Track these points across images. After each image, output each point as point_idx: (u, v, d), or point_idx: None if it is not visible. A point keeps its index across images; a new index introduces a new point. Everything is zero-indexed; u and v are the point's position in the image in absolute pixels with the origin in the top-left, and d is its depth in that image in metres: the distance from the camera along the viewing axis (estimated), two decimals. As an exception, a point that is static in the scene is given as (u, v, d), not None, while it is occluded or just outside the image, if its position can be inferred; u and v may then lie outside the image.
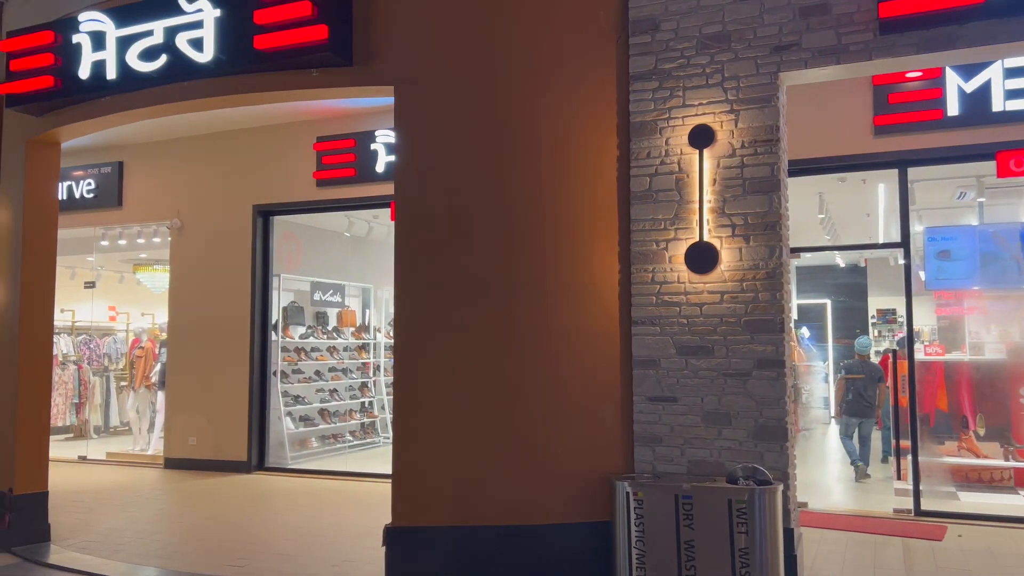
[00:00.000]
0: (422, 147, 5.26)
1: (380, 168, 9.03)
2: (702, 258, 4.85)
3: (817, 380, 13.32)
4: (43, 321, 6.72)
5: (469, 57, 5.19)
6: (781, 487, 4.50)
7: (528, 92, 5.12)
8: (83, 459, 10.74)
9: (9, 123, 7.16)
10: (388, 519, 5.10)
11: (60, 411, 12.06)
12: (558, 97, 5.12)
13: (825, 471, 9.66)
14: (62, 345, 12.43)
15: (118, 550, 6.23)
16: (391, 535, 5.01)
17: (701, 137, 4.89)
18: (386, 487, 8.18)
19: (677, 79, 4.98)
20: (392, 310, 12.21)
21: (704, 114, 4.92)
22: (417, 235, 5.20)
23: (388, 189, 8.80)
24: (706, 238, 4.86)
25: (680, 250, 4.91)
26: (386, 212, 9.49)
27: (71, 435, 12.52)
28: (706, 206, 4.87)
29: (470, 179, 5.13)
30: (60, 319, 11.18)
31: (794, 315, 12.32)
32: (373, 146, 9.07)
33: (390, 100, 5.34)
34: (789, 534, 4.60)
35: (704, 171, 4.88)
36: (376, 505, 7.54)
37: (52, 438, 7.02)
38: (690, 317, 4.88)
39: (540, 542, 4.88)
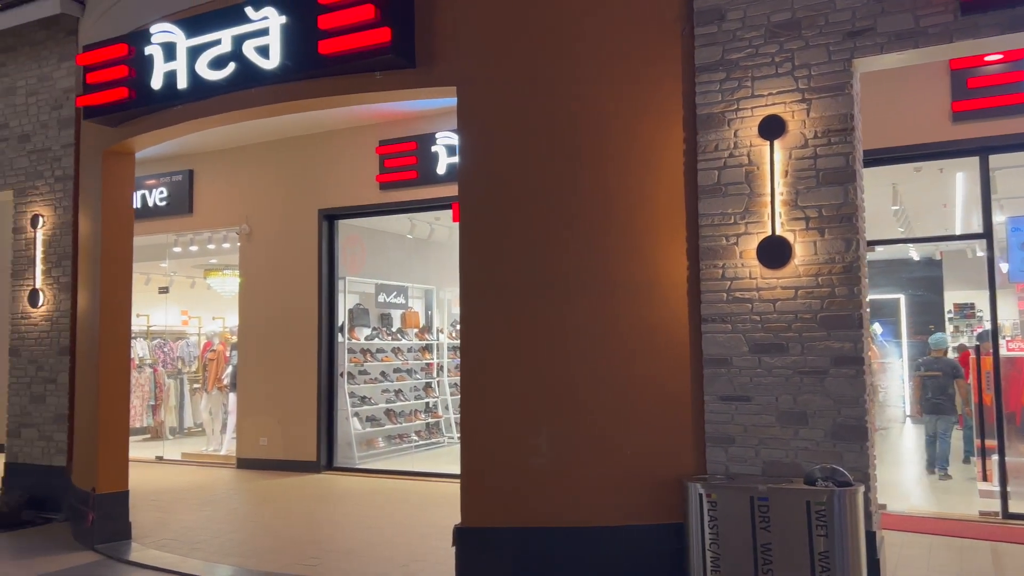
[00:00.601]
0: (485, 146, 5.24)
1: (442, 170, 9.07)
2: (775, 252, 4.71)
3: (892, 378, 12.87)
4: (121, 326, 6.94)
5: (531, 54, 5.15)
6: (862, 488, 4.33)
7: (591, 87, 5.06)
8: (160, 459, 11.08)
9: (87, 134, 7.42)
10: (457, 519, 5.10)
11: (137, 413, 12.48)
12: (622, 92, 5.04)
13: (903, 471, 9.32)
14: (138, 349, 12.85)
15: (195, 548, 6.39)
16: (461, 536, 5.00)
17: (772, 128, 4.75)
18: (453, 487, 8.22)
19: (745, 69, 4.85)
20: (455, 311, 12.37)
21: (774, 104, 4.77)
22: (481, 235, 5.18)
23: (450, 191, 8.85)
24: (778, 232, 4.71)
25: (751, 245, 4.77)
26: (448, 214, 9.53)
27: (148, 436, 12.94)
28: (778, 199, 4.72)
29: (534, 177, 5.09)
30: (136, 324, 11.56)
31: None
32: (434, 148, 9.12)
33: (452, 101, 5.34)
34: (871, 537, 4.42)
35: (775, 163, 4.73)
36: (444, 505, 7.57)
37: (131, 439, 7.24)
38: (763, 314, 4.74)
39: (610, 544, 4.81)
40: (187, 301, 14.21)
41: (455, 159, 8.77)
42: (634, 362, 4.91)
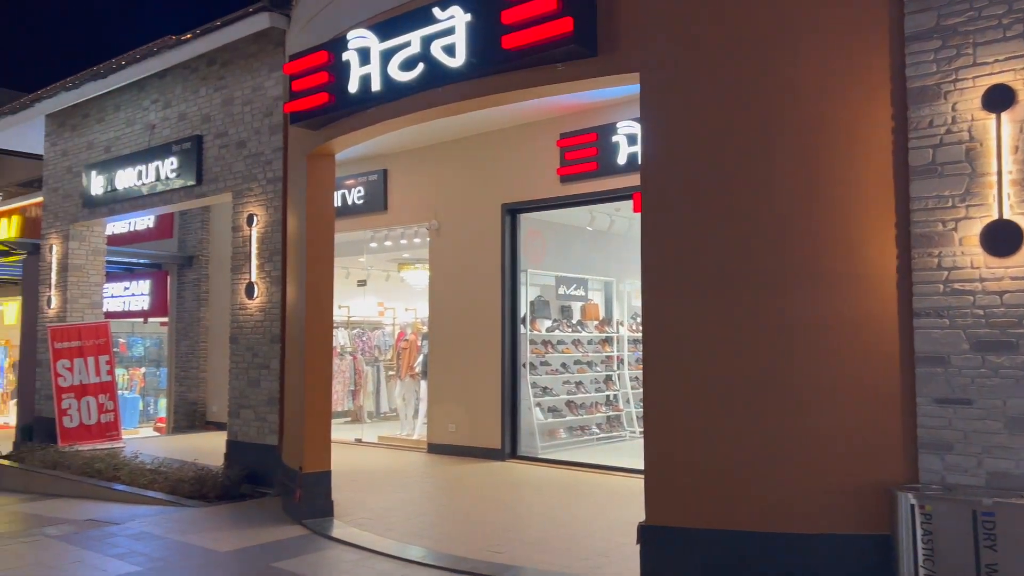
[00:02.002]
0: (670, 132, 5.07)
1: (622, 160, 8.94)
2: (1002, 238, 4.19)
3: None
4: (325, 316, 7.45)
5: (717, 34, 4.91)
6: (1115, 510, 3.76)
7: (784, 65, 4.74)
8: (359, 441, 11.82)
9: (293, 139, 8.02)
10: (640, 516, 4.99)
11: (339, 397, 13.38)
12: (819, 67, 4.68)
13: None
14: (339, 338, 13.77)
15: (390, 528, 6.74)
16: (645, 534, 4.89)
17: (999, 99, 4.22)
18: (635, 482, 8.11)
19: (965, 35, 4.34)
20: (635, 304, 12.19)
21: (1001, 72, 4.24)
22: (665, 225, 5.02)
23: (630, 181, 8.71)
24: (1007, 215, 4.18)
25: (973, 230, 4.27)
26: (628, 205, 9.39)
27: (348, 419, 13.85)
28: (1006, 178, 4.19)
29: (723, 163, 4.86)
30: (337, 314, 12.39)
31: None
32: (615, 138, 9.00)
33: (632, 89, 5.21)
34: None
35: (1003, 138, 4.20)
36: (626, 500, 7.47)
37: (333, 422, 7.75)
38: (987, 307, 4.23)
39: (806, 553, 4.50)
40: (383, 293, 15.04)
41: (636, 148, 8.61)
42: (836, 358, 4.55)
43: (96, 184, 11.57)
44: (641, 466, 5.00)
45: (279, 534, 6.76)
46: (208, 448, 10.91)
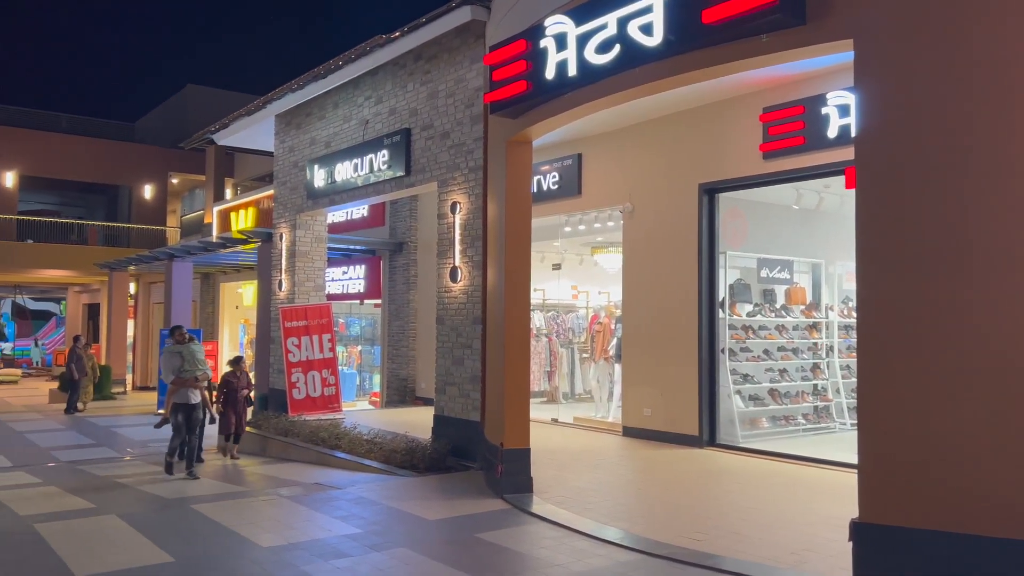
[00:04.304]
0: (889, 101, 4.66)
1: (832, 133, 8.37)
2: None
3: None
4: (522, 299, 7.66)
5: (947, -10, 4.43)
6: None
7: (1021, 15, 4.20)
8: (555, 421, 12.07)
9: (493, 127, 8.28)
10: (851, 512, 4.69)
11: (535, 378, 13.73)
12: (1074, 18, 4.09)
13: None
14: (536, 320, 14.10)
15: (587, 508, 6.83)
16: (859, 531, 4.59)
17: None
18: (842, 476, 7.64)
19: None
20: (847, 287, 11.40)
21: None
22: (884, 201, 4.63)
23: (841, 155, 8.14)
24: None
25: None
26: (839, 180, 8.76)
27: (545, 399, 14.17)
28: None
29: (952, 135, 4.40)
30: (534, 297, 12.70)
31: None
32: (824, 110, 8.44)
33: (842, 58, 4.85)
34: None
35: None
36: (832, 494, 7.06)
37: (531, 401, 7.97)
38: None
39: (1052, 565, 4.01)
40: (576, 276, 15.19)
41: (848, 120, 8.03)
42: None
43: (318, 177, 12.64)
44: (850, 460, 4.72)
45: (482, 506, 7.08)
46: (417, 422, 11.63)
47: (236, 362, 11.50)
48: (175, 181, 27.56)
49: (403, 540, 6.13)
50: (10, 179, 24.52)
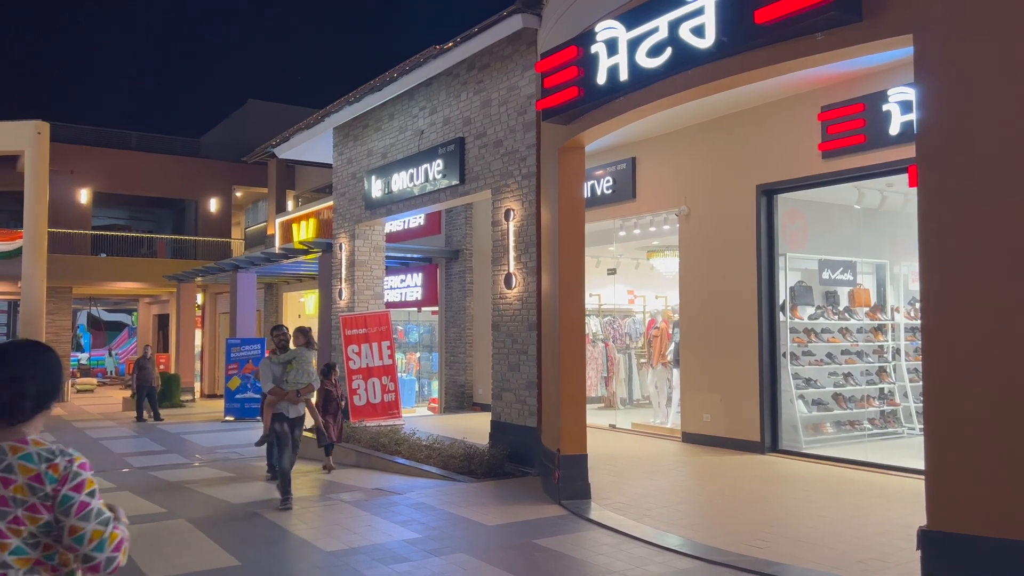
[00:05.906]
0: (953, 98, 4.53)
1: (894, 130, 8.15)
2: None
3: None
4: (577, 304, 7.65)
5: (1011, -20, 4.29)
6: None
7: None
8: (612, 427, 12.00)
9: (545, 134, 8.32)
10: (919, 519, 4.55)
11: (592, 383, 13.67)
12: None
13: None
14: (592, 325, 14.05)
15: (646, 514, 6.78)
16: (927, 539, 4.45)
17: None
18: (910, 482, 7.42)
19: None
20: (913, 288, 11.06)
21: None
22: (948, 199, 4.49)
23: (904, 153, 7.92)
24: None
25: None
26: (902, 179, 8.53)
27: (602, 405, 14.10)
28: None
29: (1017, 127, 4.25)
30: (589, 302, 12.66)
31: None
32: (885, 107, 8.23)
33: (902, 53, 4.73)
34: None
35: None
36: (900, 501, 6.86)
37: (588, 407, 7.95)
38: None
39: None
40: (632, 281, 15.09)
41: (910, 117, 7.81)
42: None
43: (375, 187, 12.86)
44: (919, 466, 4.56)
45: (539, 512, 7.08)
46: (475, 427, 11.71)
47: (329, 371, 10.72)
48: (239, 194, 28.37)
49: (462, 545, 6.17)
50: (85, 196, 25.57)
